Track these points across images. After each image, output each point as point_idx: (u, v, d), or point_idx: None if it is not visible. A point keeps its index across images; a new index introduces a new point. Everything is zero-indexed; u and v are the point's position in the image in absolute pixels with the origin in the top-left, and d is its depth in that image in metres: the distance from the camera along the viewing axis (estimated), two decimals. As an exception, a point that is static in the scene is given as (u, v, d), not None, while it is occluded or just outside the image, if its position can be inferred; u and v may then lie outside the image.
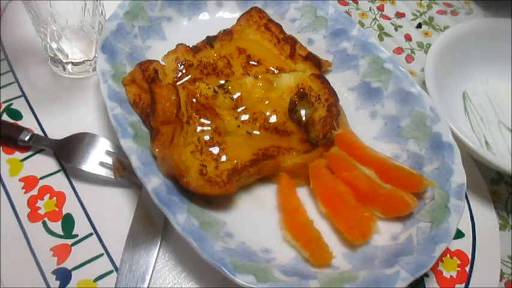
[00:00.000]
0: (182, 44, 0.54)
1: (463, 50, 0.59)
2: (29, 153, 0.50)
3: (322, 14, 0.59)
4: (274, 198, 0.47)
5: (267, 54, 0.56)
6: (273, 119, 0.51)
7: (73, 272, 0.43)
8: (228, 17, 0.61)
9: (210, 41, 0.56)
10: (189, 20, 0.60)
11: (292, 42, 0.56)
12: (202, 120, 0.49)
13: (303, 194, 0.48)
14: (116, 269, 0.43)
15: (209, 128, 0.49)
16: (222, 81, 0.52)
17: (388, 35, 0.68)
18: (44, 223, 0.45)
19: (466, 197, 0.47)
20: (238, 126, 0.50)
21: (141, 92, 0.49)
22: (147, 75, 0.49)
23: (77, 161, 0.48)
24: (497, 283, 0.46)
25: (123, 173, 0.47)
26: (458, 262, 0.47)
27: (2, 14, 0.60)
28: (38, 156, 0.50)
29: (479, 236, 0.49)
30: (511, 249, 0.50)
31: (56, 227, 0.45)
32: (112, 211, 0.47)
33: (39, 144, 0.49)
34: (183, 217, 0.41)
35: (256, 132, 0.50)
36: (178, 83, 0.52)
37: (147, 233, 0.45)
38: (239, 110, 0.51)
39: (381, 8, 0.71)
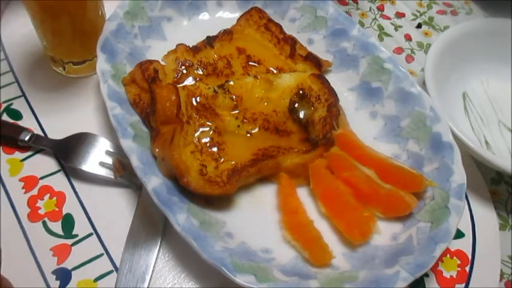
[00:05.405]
0: (182, 44, 0.54)
1: (463, 50, 0.59)
2: (29, 153, 0.50)
3: (322, 14, 0.59)
4: (274, 198, 0.47)
5: (267, 54, 0.56)
6: (273, 119, 0.51)
7: (73, 272, 0.43)
8: (228, 17, 0.61)
9: (210, 41, 0.56)
10: (189, 20, 0.60)
11: (292, 42, 0.56)
12: (202, 120, 0.49)
13: (303, 194, 0.48)
14: (116, 269, 0.43)
15: (209, 128, 0.49)
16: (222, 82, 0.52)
17: (388, 35, 0.68)
18: (44, 223, 0.45)
19: (466, 197, 0.47)
20: (238, 126, 0.50)
21: (141, 92, 0.49)
22: (147, 75, 0.49)
23: (77, 161, 0.48)
24: (497, 283, 0.46)
25: (123, 173, 0.47)
26: (458, 262, 0.47)
27: (2, 14, 0.60)
28: (38, 156, 0.50)
29: (479, 236, 0.49)
30: (511, 249, 0.50)
31: (56, 227, 0.45)
32: (112, 211, 0.47)
33: (39, 144, 0.49)
34: (183, 217, 0.41)
35: (256, 132, 0.50)
36: (179, 85, 0.52)
37: (147, 233, 0.45)
38: (239, 110, 0.51)
39: (380, 8, 0.71)
